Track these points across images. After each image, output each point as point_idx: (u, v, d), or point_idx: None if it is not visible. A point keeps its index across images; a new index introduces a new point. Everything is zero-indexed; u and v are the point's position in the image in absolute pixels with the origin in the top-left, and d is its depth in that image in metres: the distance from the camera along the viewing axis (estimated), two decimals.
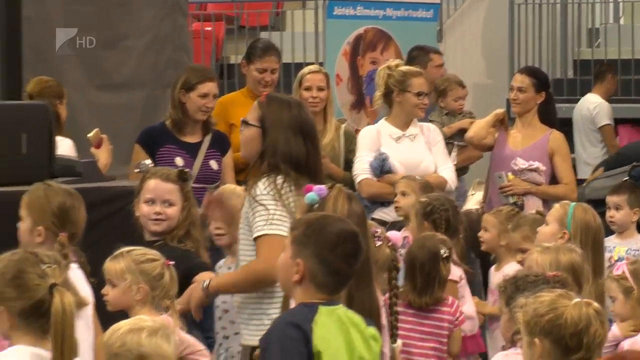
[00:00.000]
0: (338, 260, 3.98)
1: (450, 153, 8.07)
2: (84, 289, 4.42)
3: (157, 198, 5.46)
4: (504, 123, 7.94)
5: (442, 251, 5.81)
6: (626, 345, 4.98)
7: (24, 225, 4.76)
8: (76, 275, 4.36)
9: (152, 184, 5.58)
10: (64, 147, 6.87)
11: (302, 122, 5.10)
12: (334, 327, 4.08)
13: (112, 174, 6.97)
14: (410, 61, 9.15)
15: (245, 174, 5.41)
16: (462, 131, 8.38)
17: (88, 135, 7.18)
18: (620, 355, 3.57)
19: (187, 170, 5.89)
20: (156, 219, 5.44)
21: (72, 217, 4.84)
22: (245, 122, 5.13)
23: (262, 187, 4.92)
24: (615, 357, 3.52)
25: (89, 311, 4.46)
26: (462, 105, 8.71)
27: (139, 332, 3.52)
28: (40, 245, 4.55)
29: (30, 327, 3.11)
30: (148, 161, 6.77)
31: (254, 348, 4.79)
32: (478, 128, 7.91)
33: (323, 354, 3.98)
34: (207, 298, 5.09)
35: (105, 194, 6.24)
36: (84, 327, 4.31)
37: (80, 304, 3.47)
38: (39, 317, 3.12)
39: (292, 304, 4.27)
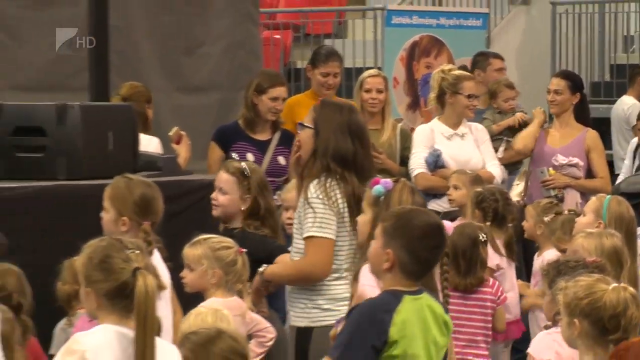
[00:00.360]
0: (425, 251, 4.04)
1: (499, 148, 8.09)
2: (164, 272, 4.38)
3: (216, 186, 5.55)
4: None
5: (480, 236, 5.83)
6: None
7: (107, 216, 4.74)
8: (156, 259, 4.41)
9: (218, 173, 5.73)
10: (152, 144, 6.98)
11: (351, 123, 5.08)
12: (414, 316, 4.13)
13: (190, 168, 7.05)
14: (473, 65, 9.49)
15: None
16: (510, 128, 8.44)
17: (169, 133, 7.31)
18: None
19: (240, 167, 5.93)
20: (213, 204, 5.52)
21: (153, 207, 4.84)
22: (301, 124, 5.17)
23: (313, 190, 4.93)
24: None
25: (168, 292, 4.46)
26: (512, 105, 8.61)
27: (208, 315, 3.61)
28: (125, 234, 4.53)
29: (115, 307, 3.11)
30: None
31: (299, 328, 5.06)
32: (525, 140, 7.93)
33: (399, 342, 4.03)
34: (262, 282, 5.11)
35: (184, 186, 6.29)
36: (164, 306, 4.28)
37: (161, 286, 3.51)
38: (123, 298, 3.12)
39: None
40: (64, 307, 4.98)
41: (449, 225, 4.78)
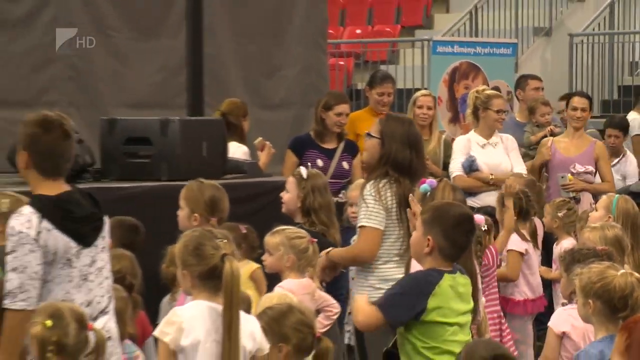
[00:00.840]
0: (460, 236, 4.16)
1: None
2: None
3: (285, 186, 5.73)
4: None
5: (482, 226, 5.72)
6: None
7: (182, 213, 4.99)
8: None
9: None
10: (239, 151, 7.14)
11: (410, 135, 5.19)
12: (450, 290, 4.27)
13: (269, 172, 7.26)
14: (516, 86, 10.00)
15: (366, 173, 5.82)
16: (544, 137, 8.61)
17: (254, 142, 7.55)
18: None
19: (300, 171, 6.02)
20: (281, 202, 5.68)
21: (220, 206, 5.06)
22: (368, 134, 5.26)
23: (368, 188, 5.04)
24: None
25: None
26: (548, 119, 8.85)
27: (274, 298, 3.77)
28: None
29: (206, 286, 3.25)
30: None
31: None
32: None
33: (435, 311, 4.15)
34: (327, 262, 5.23)
35: (264, 186, 6.50)
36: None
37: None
38: (214, 279, 3.27)
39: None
40: (168, 286, 5.12)
41: (479, 219, 5.14)
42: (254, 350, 3.46)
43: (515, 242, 6.35)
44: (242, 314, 3.42)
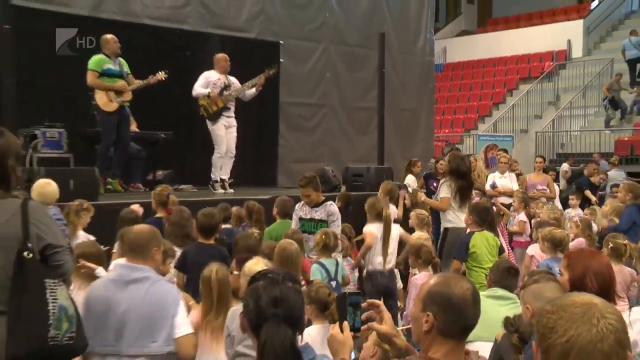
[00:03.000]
0: (481, 212, 6.06)
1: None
2: None
3: None
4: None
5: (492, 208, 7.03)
6: None
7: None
8: None
9: None
10: None
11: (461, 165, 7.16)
12: (480, 239, 6.05)
13: None
14: None
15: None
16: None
17: None
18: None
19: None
20: None
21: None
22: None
23: (442, 186, 7.19)
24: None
25: None
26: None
27: None
28: None
29: None
30: None
31: (445, 229, 7.34)
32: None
33: (473, 250, 6.03)
34: None
35: None
36: None
37: None
38: None
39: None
40: None
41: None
42: None
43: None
44: None
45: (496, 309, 3.88)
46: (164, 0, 10.79)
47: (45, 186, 5.84)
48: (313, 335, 3.76)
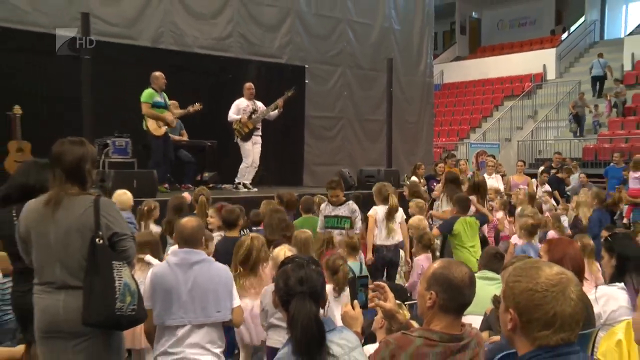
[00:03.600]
0: (460, 198, 6.29)
1: None
2: None
3: None
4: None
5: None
6: None
7: None
8: None
9: None
10: None
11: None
12: (462, 223, 6.16)
13: None
14: None
15: None
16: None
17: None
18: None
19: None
20: None
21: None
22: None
23: (442, 200, 7.53)
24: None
25: None
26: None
27: None
28: None
29: None
30: None
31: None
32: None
33: (456, 232, 6.15)
34: None
35: None
36: None
37: None
38: None
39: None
40: None
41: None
42: None
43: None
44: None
45: (485, 288, 3.87)
46: (211, 32, 10.96)
47: (122, 195, 6.16)
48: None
